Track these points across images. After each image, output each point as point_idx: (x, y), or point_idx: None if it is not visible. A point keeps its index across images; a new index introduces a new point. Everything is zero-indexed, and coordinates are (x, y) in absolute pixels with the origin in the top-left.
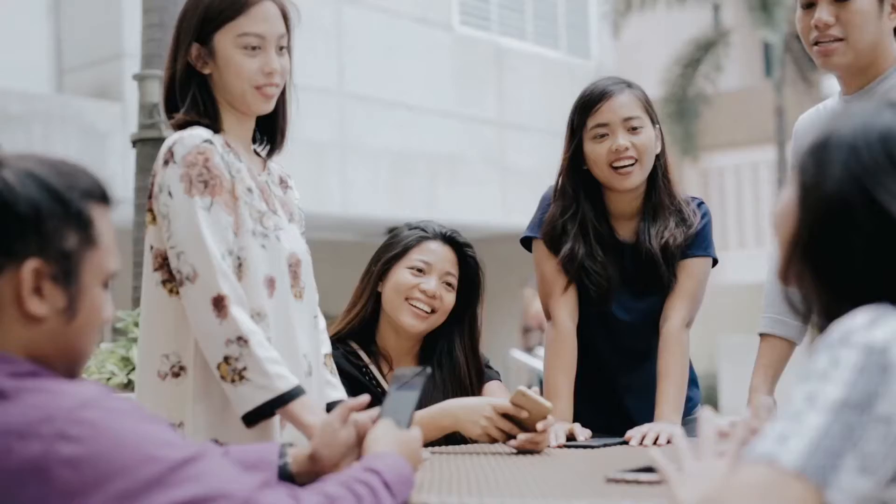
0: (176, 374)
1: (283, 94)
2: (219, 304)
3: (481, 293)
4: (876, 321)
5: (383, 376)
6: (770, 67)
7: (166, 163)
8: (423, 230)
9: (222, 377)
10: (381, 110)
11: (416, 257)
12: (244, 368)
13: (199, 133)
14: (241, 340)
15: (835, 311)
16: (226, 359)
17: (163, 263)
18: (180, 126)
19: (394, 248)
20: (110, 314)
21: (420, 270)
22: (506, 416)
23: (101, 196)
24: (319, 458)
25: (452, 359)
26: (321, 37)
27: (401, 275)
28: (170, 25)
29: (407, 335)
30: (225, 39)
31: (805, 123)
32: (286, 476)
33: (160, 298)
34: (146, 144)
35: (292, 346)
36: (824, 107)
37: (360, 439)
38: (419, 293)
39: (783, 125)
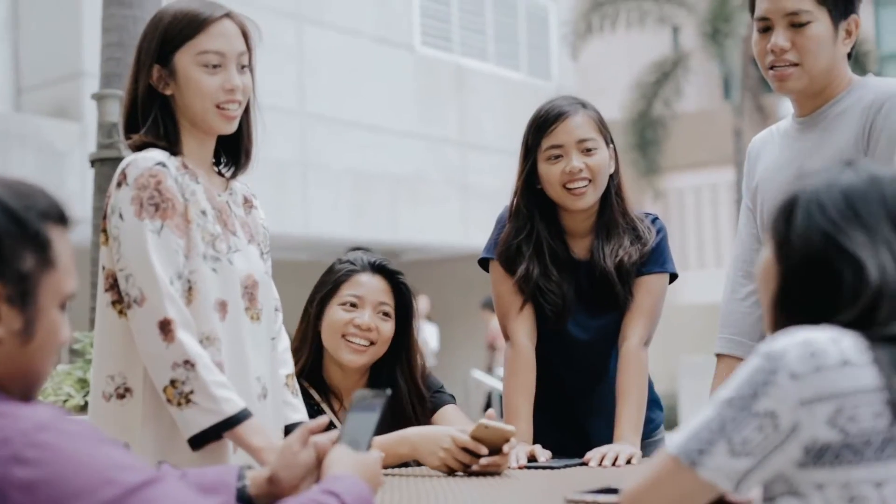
0: (120, 396)
1: (247, 113)
2: (165, 327)
3: (414, 320)
4: (793, 333)
5: (335, 413)
6: (729, 90)
7: (119, 185)
8: (351, 263)
9: (168, 400)
10: (342, 130)
11: (346, 293)
12: (191, 392)
13: (152, 155)
14: (188, 364)
15: None
16: (172, 382)
17: (113, 284)
18: (137, 147)
19: (326, 285)
20: (67, 336)
21: (353, 305)
22: (465, 448)
23: (59, 217)
24: (278, 481)
25: (395, 387)
26: (283, 56)
27: (334, 313)
28: (129, 45)
29: (351, 370)
30: (185, 58)
31: (758, 145)
32: (245, 499)
33: (110, 319)
34: (105, 164)
35: (244, 370)
36: (777, 128)
37: (319, 461)
38: (353, 328)
39: (742, 146)
